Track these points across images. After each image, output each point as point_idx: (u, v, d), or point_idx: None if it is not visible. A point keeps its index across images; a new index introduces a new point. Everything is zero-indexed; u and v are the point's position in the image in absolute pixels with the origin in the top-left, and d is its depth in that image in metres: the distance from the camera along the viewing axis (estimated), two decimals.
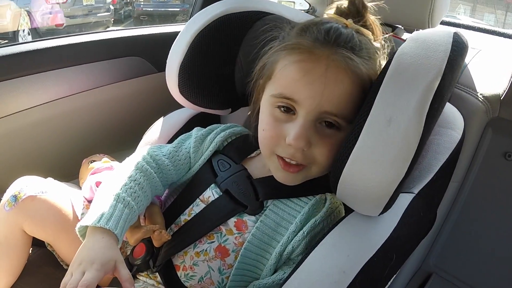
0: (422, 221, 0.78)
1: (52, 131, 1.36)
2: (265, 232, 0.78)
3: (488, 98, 0.99)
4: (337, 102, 0.70)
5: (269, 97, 0.76)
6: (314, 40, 0.72)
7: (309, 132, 0.71)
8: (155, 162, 0.87)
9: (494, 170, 1.09)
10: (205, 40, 0.96)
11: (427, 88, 0.62)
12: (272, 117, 0.75)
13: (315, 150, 0.72)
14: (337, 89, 0.69)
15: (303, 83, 0.70)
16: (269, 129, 0.76)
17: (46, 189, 0.91)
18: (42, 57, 1.28)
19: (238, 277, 0.76)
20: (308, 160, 0.74)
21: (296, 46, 0.73)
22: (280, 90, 0.73)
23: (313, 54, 0.70)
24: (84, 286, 0.60)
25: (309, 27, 0.75)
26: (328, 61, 0.69)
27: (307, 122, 0.71)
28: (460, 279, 1.20)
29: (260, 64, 0.82)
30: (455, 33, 0.69)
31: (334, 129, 0.72)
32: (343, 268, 0.65)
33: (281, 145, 0.74)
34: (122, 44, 1.46)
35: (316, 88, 0.69)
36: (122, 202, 0.75)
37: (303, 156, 0.73)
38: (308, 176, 0.77)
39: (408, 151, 0.62)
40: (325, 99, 0.69)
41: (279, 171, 0.77)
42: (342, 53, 0.70)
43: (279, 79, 0.75)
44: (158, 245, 0.81)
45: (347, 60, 0.70)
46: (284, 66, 0.73)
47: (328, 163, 0.74)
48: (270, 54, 0.79)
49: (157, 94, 1.48)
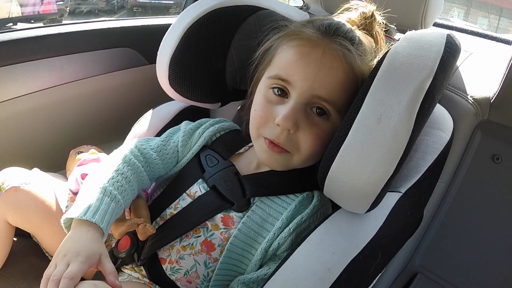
0: (409, 221, 0.78)
1: (41, 121, 1.34)
2: (251, 228, 0.77)
3: (478, 100, 0.99)
4: (329, 88, 0.72)
5: (266, 78, 0.78)
6: (316, 30, 0.76)
7: (299, 115, 0.72)
8: (142, 155, 0.86)
9: (482, 172, 1.10)
10: (197, 33, 0.95)
11: (419, 88, 0.62)
12: (264, 98, 0.77)
13: (300, 136, 0.73)
14: (330, 75, 0.72)
15: (299, 65, 0.73)
16: (260, 109, 0.78)
17: (29, 180, 0.90)
18: (32, 45, 1.26)
19: (223, 271, 0.76)
20: (291, 145, 0.75)
21: (297, 33, 0.77)
22: (276, 72, 0.76)
23: (312, 41, 0.74)
24: (68, 278, 0.59)
25: (314, 20, 0.79)
26: (325, 48, 0.72)
27: (298, 104, 0.72)
28: (445, 279, 1.21)
29: (261, 50, 0.85)
30: (448, 34, 0.70)
31: (324, 118, 0.74)
32: (328, 265, 0.64)
33: (269, 126, 0.75)
34: (114, 35, 1.44)
35: (310, 71, 0.72)
36: (109, 196, 0.74)
37: (288, 139, 0.74)
38: (289, 164, 0.78)
39: (397, 149, 0.62)
40: (318, 82, 0.71)
41: (264, 152, 0.78)
42: (340, 43, 0.73)
43: (277, 62, 0.78)
44: (143, 238, 0.81)
45: (344, 50, 0.73)
46: (283, 50, 0.77)
47: (310, 153, 0.75)
48: (272, 40, 0.82)
49: (147, 86, 1.47)
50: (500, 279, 1.15)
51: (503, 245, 1.13)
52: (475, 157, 1.09)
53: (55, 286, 0.58)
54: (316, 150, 0.74)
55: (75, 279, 0.60)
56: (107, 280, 0.64)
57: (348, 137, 0.64)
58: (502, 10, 4.36)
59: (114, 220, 0.75)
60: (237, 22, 0.99)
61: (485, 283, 1.16)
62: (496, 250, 1.14)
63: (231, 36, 0.98)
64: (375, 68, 0.67)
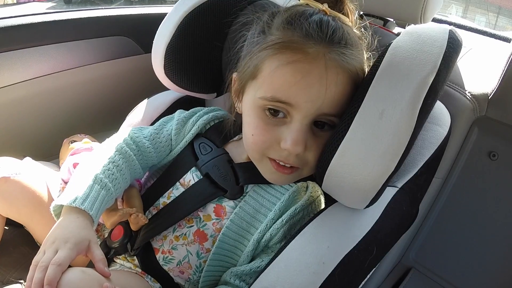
0: (404, 216, 0.77)
1: (34, 109, 1.33)
2: (244, 219, 0.77)
3: (476, 96, 0.98)
4: (336, 103, 0.67)
5: (257, 99, 0.69)
6: (305, 36, 0.66)
7: (307, 135, 0.68)
8: (135, 144, 0.85)
9: (478, 169, 1.10)
10: (193, 22, 0.94)
11: (422, 83, 0.61)
12: (261, 121, 0.70)
13: (309, 154, 0.70)
14: (337, 90, 0.66)
15: (301, 86, 0.65)
16: (260, 134, 0.71)
17: (20, 171, 0.89)
18: (26, 32, 1.25)
19: (215, 261, 0.76)
20: (301, 163, 0.71)
21: (287, 45, 0.66)
22: (273, 94, 0.67)
23: (308, 54, 0.65)
24: (56, 264, 0.58)
25: (295, 19, 0.68)
26: (326, 61, 0.65)
27: (304, 126, 0.67)
28: (438, 275, 1.21)
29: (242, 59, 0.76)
30: (450, 30, 0.69)
31: (327, 128, 0.70)
32: (322, 259, 0.64)
33: (274, 149, 0.70)
34: (110, 23, 1.42)
35: (316, 92, 0.65)
36: (99, 184, 0.74)
37: (297, 159, 0.70)
38: (300, 176, 0.76)
39: (399, 145, 0.61)
40: (326, 102, 0.65)
41: (272, 173, 0.74)
42: (339, 51, 0.66)
43: (270, 82, 0.68)
44: (135, 228, 0.80)
45: (344, 57, 0.66)
46: (276, 67, 0.67)
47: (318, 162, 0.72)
48: (254, 51, 0.71)
49: (142, 76, 1.46)
50: (493, 276, 1.15)
51: (497, 242, 1.13)
52: (471, 153, 1.08)
53: (43, 273, 0.57)
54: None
55: (63, 266, 0.59)
56: (96, 267, 0.63)
57: (349, 132, 0.63)
58: (500, 8, 4.35)
59: (105, 208, 0.75)
60: (234, 11, 0.97)
61: (478, 279, 1.17)
62: (490, 246, 1.14)
63: (228, 26, 0.97)
64: (376, 62, 0.66)
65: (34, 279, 0.57)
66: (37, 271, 0.58)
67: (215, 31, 0.97)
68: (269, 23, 0.72)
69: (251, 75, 0.72)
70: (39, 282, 0.57)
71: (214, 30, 0.96)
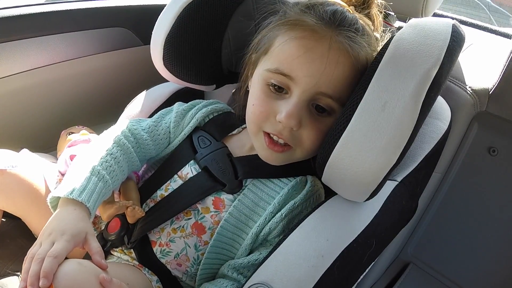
0: (404, 210, 0.77)
1: (32, 100, 1.32)
2: (243, 212, 0.77)
3: (477, 91, 0.98)
4: (335, 84, 0.68)
5: (264, 71, 0.73)
6: (318, 19, 0.70)
7: (302, 112, 0.69)
8: (133, 136, 0.85)
9: (478, 164, 1.09)
10: (193, 13, 0.93)
11: (425, 76, 0.61)
12: (263, 93, 0.73)
13: (303, 132, 0.71)
14: (337, 71, 0.68)
15: (303, 60, 0.68)
16: (259, 104, 0.73)
17: (16, 163, 0.88)
18: (25, 23, 1.23)
19: (213, 254, 0.76)
20: (294, 141, 0.72)
21: (299, 23, 0.71)
22: (277, 65, 0.71)
23: (316, 33, 0.69)
24: (53, 256, 0.58)
25: (314, 5, 0.73)
26: (331, 42, 0.68)
27: (301, 101, 0.69)
28: (436, 270, 1.21)
29: (257, 37, 0.80)
30: (453, 23, 0.68)
31: (325, 114, 0.71)
32: (321, 252, 0.63)
33: (270, 122, 0.72)
34: (109, 14, 1.41)
35: (316, 67, 0.67)
36: (97, 176, 0.73)
37: (291, 135, 0.71)
38: (292, 158, 0.76)
39: (401, 137, 0.60)
40: (324, 79, 0.68)
41: (264, 149, 0.75)
42: (346, 35, 0.69)
43: (277, 54, 0.72)
44: (132, 221, 0.79)
45: (350, 42, 0.69)
46: (284, 42, 0.71)
47: (313, 148, 0.73)
48: (270, 28, 0.77)
49: (141, 67, 1.45)
50: (491, 271, 1.15)
51: (495, 237, 1.13)
52: (471, 149, 1.08)
53: (39, 265, 0.57)
54: (319, 144, 0.71)
55: (60, 258, 0.59)
56: (93, 259, 0.63)
57: (350, 123, 0.62)
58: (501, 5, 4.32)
59: (102, 200, 0.74)
60: (234, 3, 0.96)
61: (476, 274, 1.17)
62: (488, 242, 1.14)
63: (228, 17, 0.96)
64: (379, 55, 0.65)
65: (30, 271, 0.57)
66: (34, 263, 0.57)
67: (215, 22, 0.96)
68: (291, 8, 0.77)
69: (264, 51, 0.76)
70: (35, 275, 0.56)
71: (214, 21, 0.95)
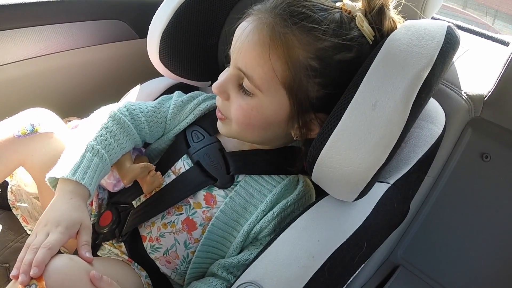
0: (395, 212, 0.77)
1: (25, 91, 1.30)
2: (234, 209, 0.76)
3: (472, 97, 0.98)
4: (246, 60, 0.69)
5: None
6: (265, 5, 0.71)
7: (229, 84, 0.72)
8: (130, 116, 0.84)
9: (470, 169, 1.10)
10: (191, 8, 0.93)
11: (417, 76, 0.61)
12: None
13: (232, 105, 0.73)
14: (249, 46, 0.68)
15: (234, 39, 0.73)
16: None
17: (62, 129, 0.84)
18: (19, 12, 1.22)
19: (204, 253, 0.75)
20: (226, 112, 0.75)
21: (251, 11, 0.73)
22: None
23: (252, 15, 0.71)
24: (46, 248, 0.59)
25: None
26: (256, 21, 0.68)
27: (230, 75, 0.72)
28: (426, 273, 1.22)
29: None
30: (449, 26, 0.68)
31: (250, 94, 0.71)
32: (312, 252, 0.63)
33: None
34: (105, 6, 1.40)
35: (237, 44, 0.70)
36: (91, 151, 0.73)
37: (222, 106, 0.76)
38: (232, 130, 0.77)
39: (390, 137, 0.61)
40: (240, 55, 0.70)
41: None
42: (275, 15, 0.66)
43: None
44: (148, 191, 0.79)
45: (276, 21, 0.66)
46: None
47: (239, 123, 0.74)
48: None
49: (136, 61, 1.44)
50: (480, 276, 1.16)
51: (485, 243, 1.13)
52: (464, 154, 1.08)
53: (33, 255, 0.58)
54: (242, 121, 0.73)
55: (53, 250, 0.59)
56: (78, 252, 0.63)
57: (340, 121, 0.62)
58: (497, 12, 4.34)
59: (102, 177, 0.74)
60: (233, 0, 0.96)
61: (465, 279, 1.17)
62: (478, 247, 1.15)
63: (226, 13, 0.96)
64: (373, 54, 0.65)
65: (24, 260, 0.58)
66: (28, 253, 0.59)
67: (213, 17, 0.95)
68: None
69: None
70: (28, 264, 0.57)
71: (212, 17, 0.95)
